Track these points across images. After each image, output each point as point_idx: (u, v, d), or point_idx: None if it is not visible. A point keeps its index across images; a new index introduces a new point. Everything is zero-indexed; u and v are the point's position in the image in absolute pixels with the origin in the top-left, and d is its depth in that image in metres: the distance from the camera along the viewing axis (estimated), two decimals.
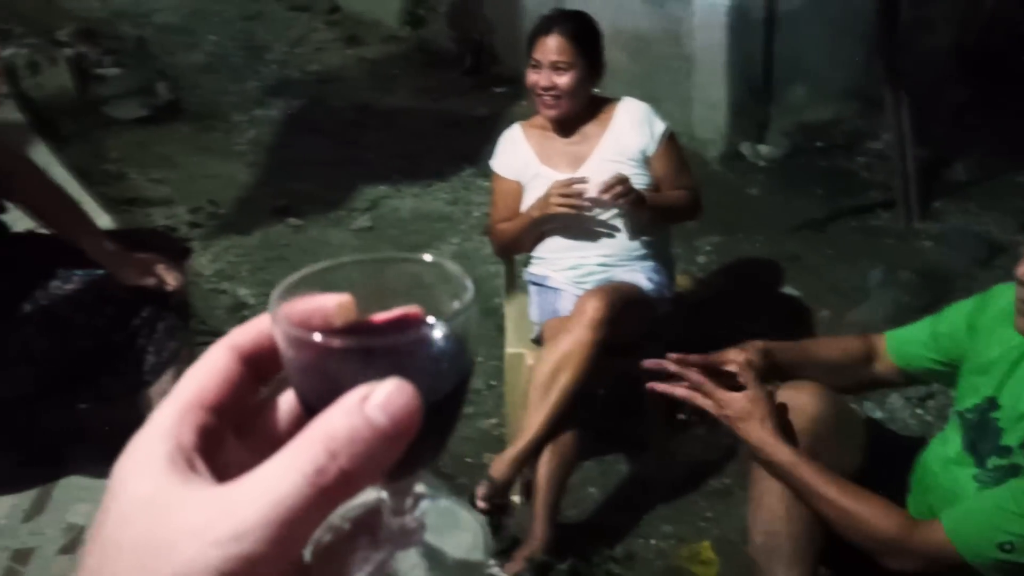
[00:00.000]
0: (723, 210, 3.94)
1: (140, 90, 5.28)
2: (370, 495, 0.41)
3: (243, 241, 4.03)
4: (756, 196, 4.08)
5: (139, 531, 0.33)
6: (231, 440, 0.40)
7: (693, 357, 1.67)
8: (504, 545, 2.30)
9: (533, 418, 2.22)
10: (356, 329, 0.40)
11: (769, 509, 1.63)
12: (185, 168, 4.67)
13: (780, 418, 1.59)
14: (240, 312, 3.56)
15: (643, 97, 2.61)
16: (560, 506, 2.28)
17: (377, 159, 4.73)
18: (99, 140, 4.80)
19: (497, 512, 2.23)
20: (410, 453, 0.36)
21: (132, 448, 0.37)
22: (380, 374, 0.35)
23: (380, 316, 0.41)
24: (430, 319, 0.40)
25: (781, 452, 1.54)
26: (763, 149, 4.31)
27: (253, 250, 3.97)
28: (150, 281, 1.87)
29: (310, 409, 0.37)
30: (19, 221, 1.99)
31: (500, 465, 2.22)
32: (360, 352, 0.37)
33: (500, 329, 3.16)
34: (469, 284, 0.41)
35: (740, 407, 1.57)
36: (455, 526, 0.45)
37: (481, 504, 2.19)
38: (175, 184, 4.49)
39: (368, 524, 0.42)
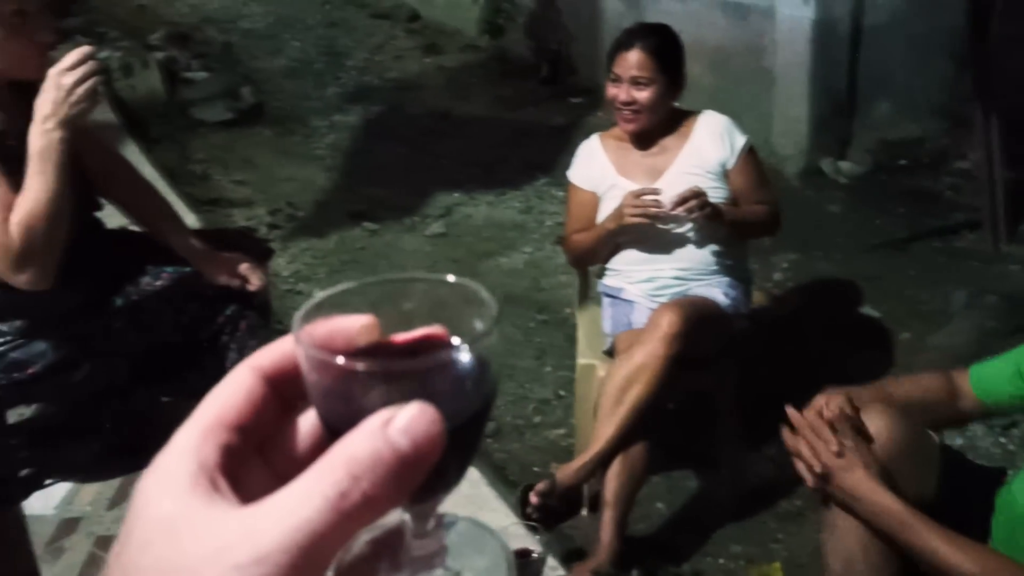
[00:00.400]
0: (801, 227, 3.88)
1: (225, 94, 5.42)
2: (393, 517, 0.40)
3: (319, 244, 4.11)
4: (836, 214, 4.01)
5: (160, 554, 0.33)
6: (254, 461, 0.39)
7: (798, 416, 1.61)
8: (569, 556, 2.29)
9: (602, 430, 2.22)
10: (379, 351, 0.40)
11: (846, 536, 1.60)
12: (266, 170, 4.78)
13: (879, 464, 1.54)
14: None
15: (723, 111, 2.59)
16: (628, 520, 2.26)
17: (452, 166, 4.77)
18: (186, 141, 4.95)
19: (547, 514, 2.20)
20: (433, 476, 0.35)
21: (155, 467, 0.37)
22: (403, 397, 0.35)
23: (403, 337, 0.41)
24: (454, 340, 0.39)
25: (886, 501, 1.48)
26: (844, 166, 4.23)
27: (329, 253, 4.04)
28: (235, 280, 1.92)
29: (333, 431, 0.37)
30: (111, 218, 2.06)
31: (566, 474, 2.22)
32: (382, 375, 0.36)
33: (571, 340, 3.16)
34: (494, 305, 0.41)
35: (843, 461, 1.53)
36: (478, 549, 0.44)
37: (533, 499, 2.17)
38: (256, 186, 4.60)
39: (390, 546, 0.41)
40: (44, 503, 1.99)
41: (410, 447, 0.34)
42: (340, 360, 0.36)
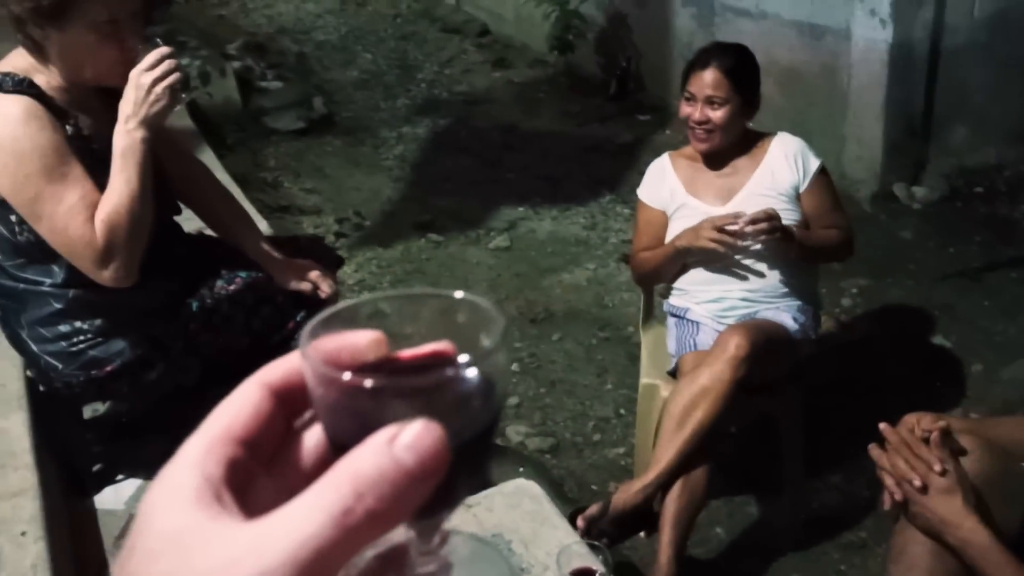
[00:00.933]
0: (872, 252, 3.80)
1: (298, 103, 5.52)
2: (398, 533, 0.40)
3: (385, 253, 4.15)
4: (908, 240, 3.92)
5: (167, 567, 0.33)
6: (261, 475, 0.39)
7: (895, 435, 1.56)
8: None
9: (664, 451, 2.19)
10: (386, 367, 0.40)
11: (915, 564, 1.55)
12: (335, 179, 4.85)
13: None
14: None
15: (795, 133, 2.56)
16: (686, 543, 2.23)
17: (518, 180, 4.79)
18: (258, 149, 5.05)
19: (596, 537, 2.18)
20: (438, 493, 0.35)
21: (160, 480, 0.37)
22: (409, 414, 0.35)
23: (410, 352, 0.41)
24: (461, 357, 0.39)
25: (981, 535, 1.43)
26: (918, 191, 4.14)
27: (394, 262, 4.09)
28: (306, 286, 1.95)
29: (338, 447, 0.37)
30: (187, 222, 2.11)
31: (624, 495, 2.20)
32: (388, 392, 0.36)
33: (632, 358, 3.14)
34: (502, 322, 0.40)
35: (944, 482, 1.47)
36: (483, 566, 0.44)
37: (580, 523, 2.15)
38: (324, 194, 4.67)
39: (395, 562, 0.41)
40: (115, 498, 2.04)
41: (415, 464, 0.34)
42: (346, 376, 0.36)
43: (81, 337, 1.80)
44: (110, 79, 1.76)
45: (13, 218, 1.70)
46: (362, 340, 0.40)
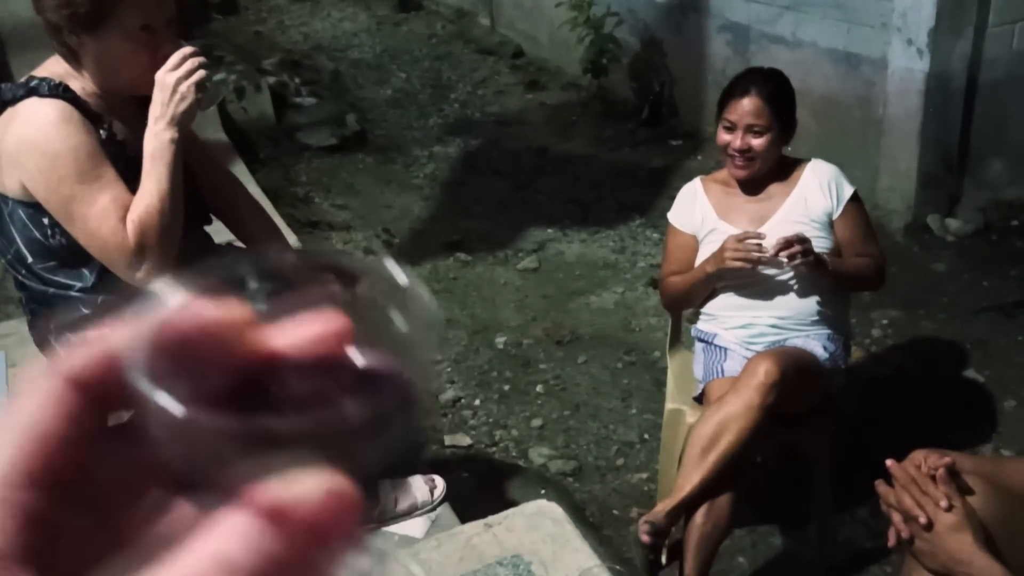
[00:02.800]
0: (904, 284, 3.75)
1: (331, 120, 5.57)
2: None
3: (413, 272, 4.12)
4: (941, 272, 3.87)
5: None
6: (69, 523, 0.26)
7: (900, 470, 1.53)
8: None
9: (687, 478, 2.16)
10: (252, 382, 0.28)
11: None
12: (365, 196, 4.88)
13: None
14: None
15: (829, 160, 2.54)
16: (708, 571, 2.20)
17: (548, 202, 4.79)
18: (290, 164, 5.09)
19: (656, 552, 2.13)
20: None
21: None
22: (288, 458, 0.25)
23: (291, 332, 0.29)
24: (357, 345, 0.29)
25: (995, 572, 1.40)
26: (952, 224, 4.09)
27: (422, 281, 4.08)
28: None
29: (184, 483, 0.27)
30: (217, 234, 2.12)
31: (646, 526, 2.16)
32: (255, 439, 0.25)
33: (658, 383, 3.11)
34: (422, 294, 0.32)
35: (952, 518, 1.44)
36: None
37: (644, 529, 2.09)
38: (355, 211, 4.69)
39: None
40: None
41: (307, 538, 0.24)
42: (179, 412, 0.25)
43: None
44: (144, 87, 1.77)
45: (46, 220, 1.72)
46: (217, 319, 0.28)
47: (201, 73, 1.66)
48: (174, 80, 1.64)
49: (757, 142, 2.36)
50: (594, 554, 1.60)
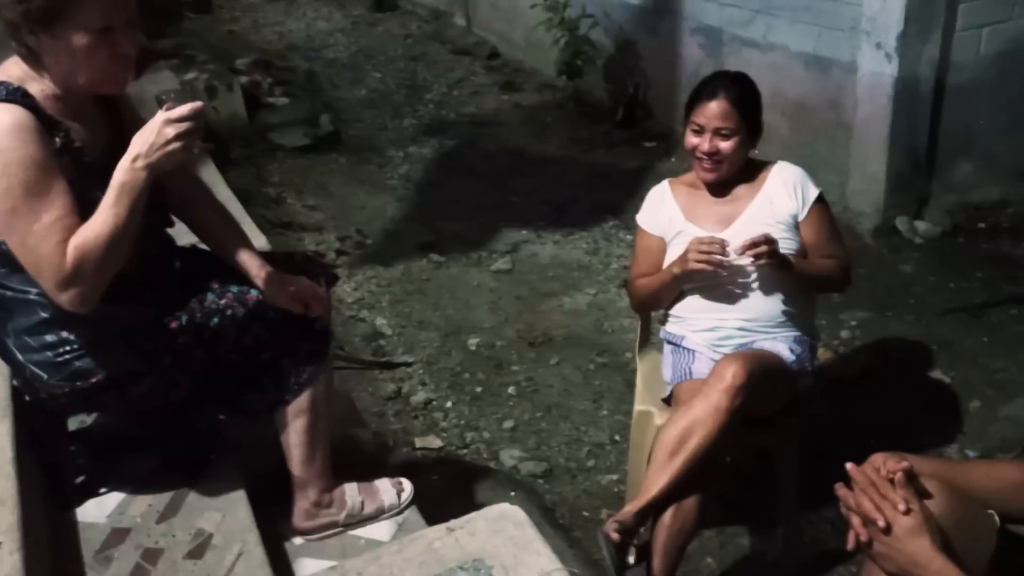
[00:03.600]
0: (872, 285, 3.79)
1: (304, 120, 5.55)
2: None
3: (385, 273, 4.15)
4: (909, 274, 3.91)
5: None
6: None
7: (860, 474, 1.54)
8: None
9: (655, 480, 2.17)
10: None
11: None
12: (339, 197, 4.86)
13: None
14: (377, 341, 3.65)
15: (798, 163, 2.55)
16: (676, 572, 2.20)
17: (522, 204, 4.80)
18: (263, 165, 5.07)
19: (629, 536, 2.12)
20: None
21: None
22: None
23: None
24: None
25: (951, 574, 1.41)
26: (921, 226, 4.13)
27: (394, 282, 4.08)
28: (296, 305, 1.93)
29: None
30: (182, 236, 2.10)
31: (614, 524, 2.16)
32: None
33: (630, 384, 3.12)
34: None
35: (910, 521, 1.46)
36: None
37: (615, 535, 2.09)
38: (327, 212, 4.67)
39: None
40: (97, 511, 2.01)
41: None
42: None
43: (67, 347, 1.78)
44: (104, 86, 1.75)
45: None
46: None
47: (198, 142, 1.62)
48: (173, 133, 1.59)
49: (725, 145, 2.37)
50: (555, 557, 1.60)
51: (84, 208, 1.65)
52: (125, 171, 1.62)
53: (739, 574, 2.55)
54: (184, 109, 1.60)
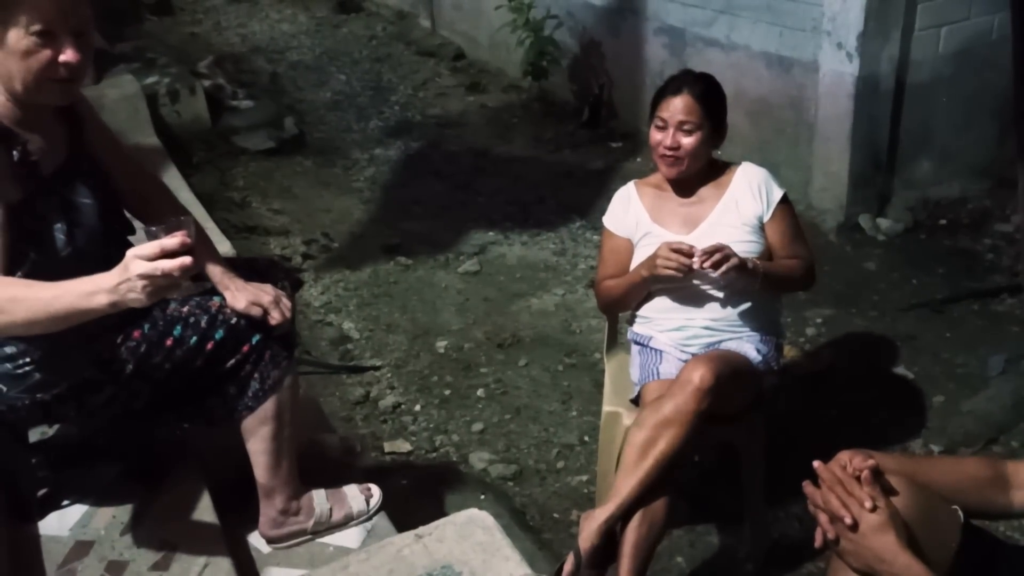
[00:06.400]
0: (837, 283, 3.83)
1: (269, 123, 5.49)
2: None
3: (352, 276, 4.12)
4: (872, 271, 3.95)
5: None
6: None
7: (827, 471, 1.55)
8: None
9: (625, 481, 2.17)
10: None
11: None
12: (304, 200, 4.82)
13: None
14: (344, 345, 3.62)
15: (762, 162, 2.57)
16: (646, 573, 2.21)
17: (489, 205, 4.79)
18: (226, 168, 5.01)
19: None
20: None
21: None
22: None
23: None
24: None
25: (916, 570, 1.42)
26: (883, 223, 4.18)
27: (361, 285, 4.06)
28: (256, 311, 1.90)
29: None
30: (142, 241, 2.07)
31: (588, 529, 2.17)
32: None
33: (598, 385, 3.13)
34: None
35: (876, 518, 1.47)
36: None
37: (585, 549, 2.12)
38: (293, 215, 4.64)
39: None
40: (59, 524, 1.98)
41: None
42: None
43: (27, 359, 1.75)
44: (42, 94, 1.68)
45: None
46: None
47: (159, 284, 1.49)
48: (136, 271, 1.47)
49: (687, 140, 2.38)
50: (524, 562, 1.60)
51: (36, 226, 1.60)
52: (88, 294, 1.52)
53: (708, 572, 2.56)
54: (151, 247, 1.48)
